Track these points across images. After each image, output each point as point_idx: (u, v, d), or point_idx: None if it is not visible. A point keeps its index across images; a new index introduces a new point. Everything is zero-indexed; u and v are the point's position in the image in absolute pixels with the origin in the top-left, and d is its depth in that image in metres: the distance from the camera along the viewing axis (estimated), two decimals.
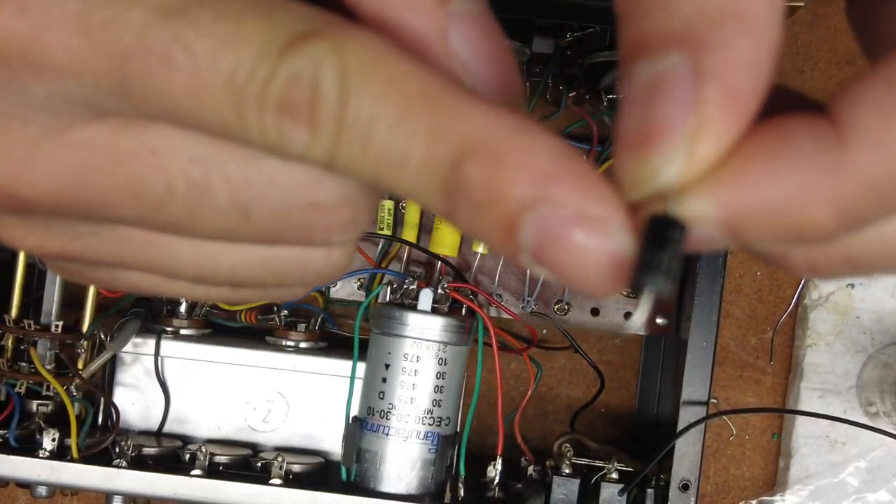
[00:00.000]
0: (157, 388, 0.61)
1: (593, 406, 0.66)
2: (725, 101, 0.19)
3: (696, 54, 0.19)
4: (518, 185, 0.20)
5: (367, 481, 0.56)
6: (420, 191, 0.21)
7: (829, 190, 0.19)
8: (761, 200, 0.19)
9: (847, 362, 0.66)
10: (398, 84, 0.21)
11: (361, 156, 0.21)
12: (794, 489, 0.66)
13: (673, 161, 0.19)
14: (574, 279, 0.20)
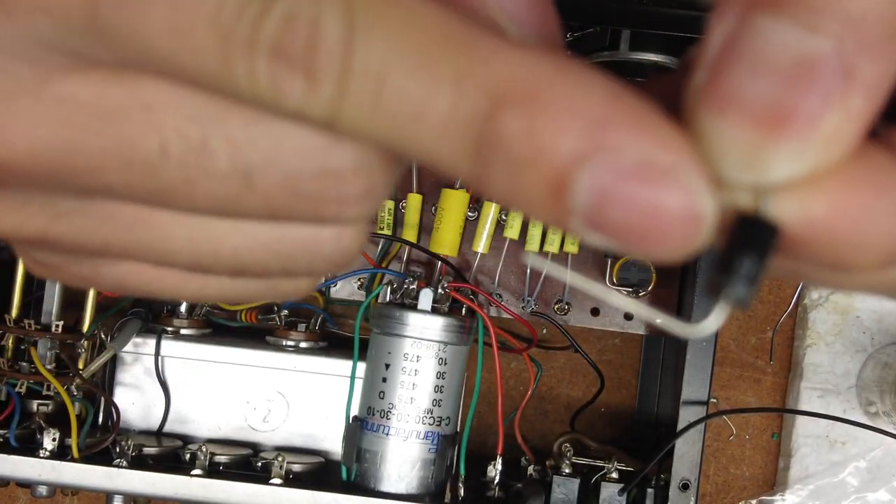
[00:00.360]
0: (158, 387, 0.61)
1: (593, 406, 0.66)
2: (866, 115, 0.17)
3: (855, 52, 0.17)
4: (567, 134, 0.17)
5: (367, 481, 0.56)
6: (445, 150, 0.18)
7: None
8: (849, 226, 0.18)
9: (847, 362, 0.66)
10: (416, 24, 0.18)
11: (372, 110, 0.18)
12: (793, 489, 0.66)
13: (803, 155, 0.17)
14: (641, 243, 0.17)
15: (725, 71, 0.17)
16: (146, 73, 0.20)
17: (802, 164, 0.17)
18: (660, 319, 0.19)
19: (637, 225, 0.17)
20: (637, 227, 0.17)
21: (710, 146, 0.17)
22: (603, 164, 0.17)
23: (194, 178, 0.20)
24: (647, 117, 0.17)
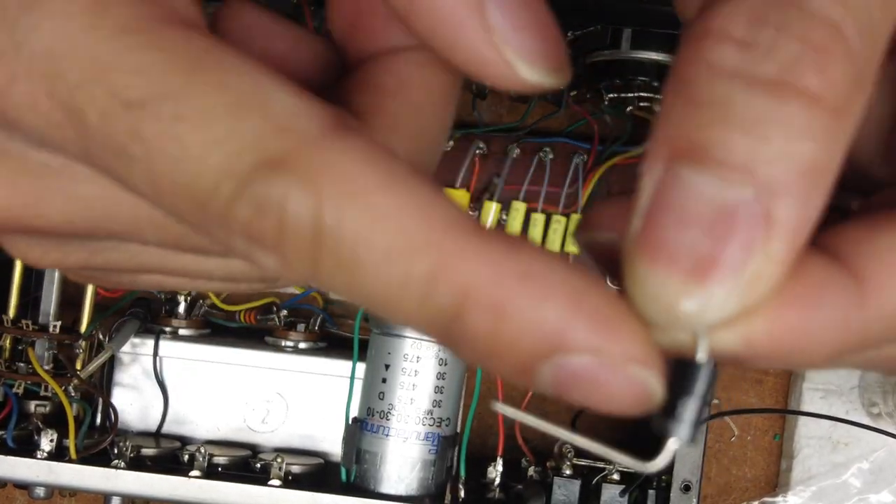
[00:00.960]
0: (156, 388, 0.61)
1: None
2: (787, 256, 0.18)
3: (770, 197, 0.18)
4: (528, 339, 0.18)
5: (366, 482, 0.56)
6: (419, 328, 0.20)
7: (845, 335, 0.20)
8: (790, 341, 0.19)
9: None
10: (386, 216, 0.19)
11: (348, 287, 0.19)
12: (796, 490, 0.66)
13: (726, 300, 0.18)
14: (600, 409, 0.19)
15: (654, 221, 0.18)
16: None
17: (730, 306, 0.18)
18: (617, 457, 0.21)
19: (598, 400, 0.19)
20: (598, 401, 0.19)
21: (644, 294, 0.19)
22: (560, 361, 0.18)
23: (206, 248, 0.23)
24: (602, 315, 0.19)
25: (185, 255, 0.24)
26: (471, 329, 0.19)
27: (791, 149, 0.18)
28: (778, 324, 0.19)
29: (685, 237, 0.18)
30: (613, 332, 0.19)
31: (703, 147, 0.18)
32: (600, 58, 0.56)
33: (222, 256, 0.24)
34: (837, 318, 0.19)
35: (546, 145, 0.61)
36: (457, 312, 0.19)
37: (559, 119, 0.63)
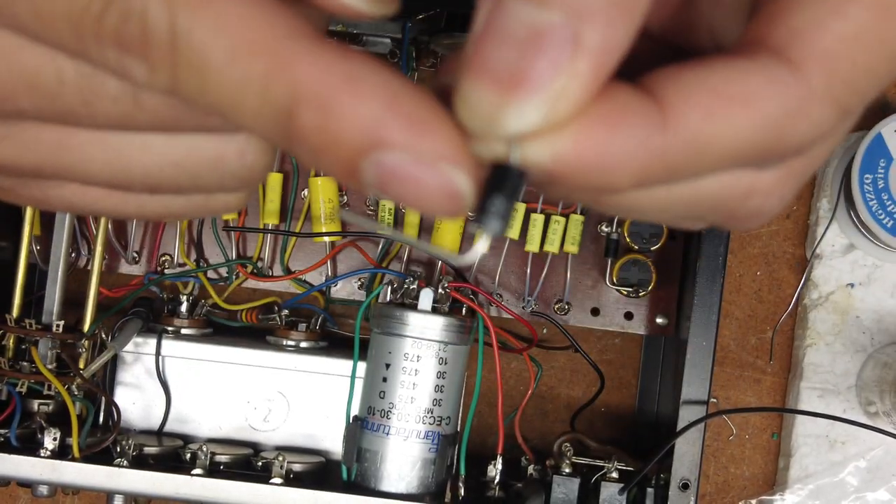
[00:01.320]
0: (158, 387, 0.61)
1: (593, 405, 0.66)
2: (592, 76, 0.21)
3: (579, 22, 0.20)
4: (349, 133, 0.21)
5: (367, 481, 0.56)
6: (262, 132, 0.22)
7: (647, 156, 0.22)
8: (594, 158, 0.22)
9: (846, 362, 0.66)
10: (229, 23, 0.21)
11: (201, 92, 0.22)
12: (793, 488, 0.66)
13: (534, 111, 0.21)
14: (419, 209, 0.22)
15: (481, 44, 0.21)
16: None
17: (536, 117, 0.21)
18: (435, 251, 0.26)
19: (412, 197, 0.22)
20: (412, 198, 0.22)
21: (466, 107, 0.21)
22: (381, 155, 0.21)
23: (90, 100, 0.24)
24: (416, 117, 0.21)
25: (70, 142, 0.26)
26: (302, 126, 0.21)
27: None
28: (582, 141, 0.21)
29: (501, 55, 0.20)
30: (425, 131, 0.21)
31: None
32: None
33: (100, 128, 0.26)
34: (639, 138, 0.22)
35: None
36: (290, 110, 0.21)
37: None
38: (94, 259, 0.58)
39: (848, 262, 0.66)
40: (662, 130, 0.22)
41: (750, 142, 0.23)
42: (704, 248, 0.54)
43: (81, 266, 0.64)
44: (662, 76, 0.23)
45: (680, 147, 0.22)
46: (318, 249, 0.64)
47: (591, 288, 0.65)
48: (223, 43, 0.21)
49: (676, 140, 0.22)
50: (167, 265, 0.64)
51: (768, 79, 0.23)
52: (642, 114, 0.22)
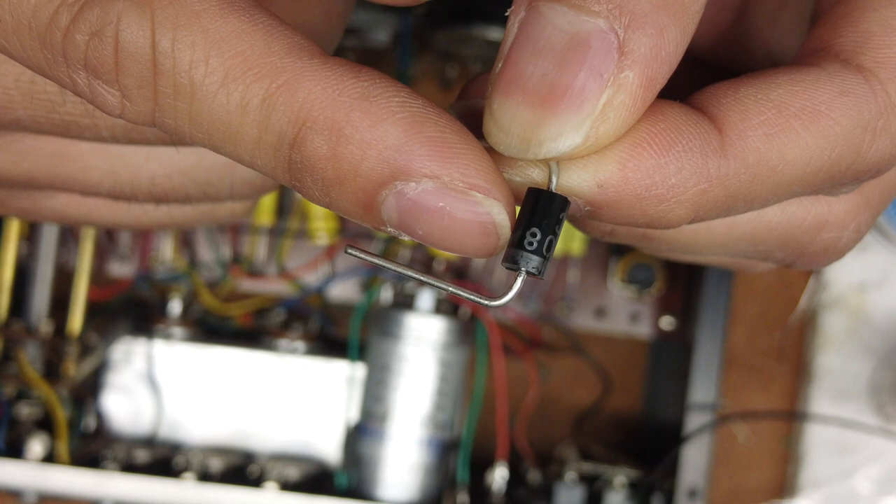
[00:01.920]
0: (149, 391, 0.60)
1: (598, 410, 0.65)
2: (640, 89, 0.18)
3: (627, 27, 0.18)
4: (367, 163, 0.18)
5: (365, 487, 0.55)
6: (261, 165, 0.19)
7: (705, 184, 0.19)
8: (645, 185, 0.19)
9: (858, 364, 0.65)
10: (221, 40, 0.18)
11: (189, 122, 0.19)
12: (804, 495, 0.65)
13: (575, 130, 0.18)
14: (447, 248, 0.19)
15: (513, 55, 0.18)
16: None
17: (577, 137, 0.18)
18: (464, 294, 0.21)
19: (442, 234, 0.19)
20: (442, 235, 0.19)
21: (498, 127, 0.18)
22: (402, 188, 0.18)
23: (93, 111, 0.22)
24: (443, 141, 0.18)
25: (69, 151, 0.24)
26: (311, 155, 0.18)
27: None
28: (631, 165, 0.19)
29: (537, 67, 0.18)
30: (453, 156, 0.18)
31: None
32: None
33: (103, 140, 0.23)
34: (695, 162, 0.19)
35: None
36: (296, 137, 0.19)
37: None
38: (83, 260, 0.58)
39: (860, 263, 0.65)
40: (721, 153, 0.19)
41: (821, 163, 0.20)
42: None
43: (70, 267, 0.63)
44: (716, 92, 0.20)
45: (742, 172, 0.19)
46: (315, 249, 0.64)
47: (596, 289, 0.64)
48: (215, 63, 0.18)
49: (737, 164, 0.19)
50: (158, 266, 0.63)
51: (838, 89, 0.20)
52: (697, 135, 0.19)
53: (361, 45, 0.62)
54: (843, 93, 0.20)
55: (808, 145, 0.20)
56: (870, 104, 0.20)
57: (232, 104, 0.19)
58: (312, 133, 0.18)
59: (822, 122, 0.20)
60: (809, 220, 0.23)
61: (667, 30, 0.18)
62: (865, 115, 0.20)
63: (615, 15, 0.18)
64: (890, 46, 0.20)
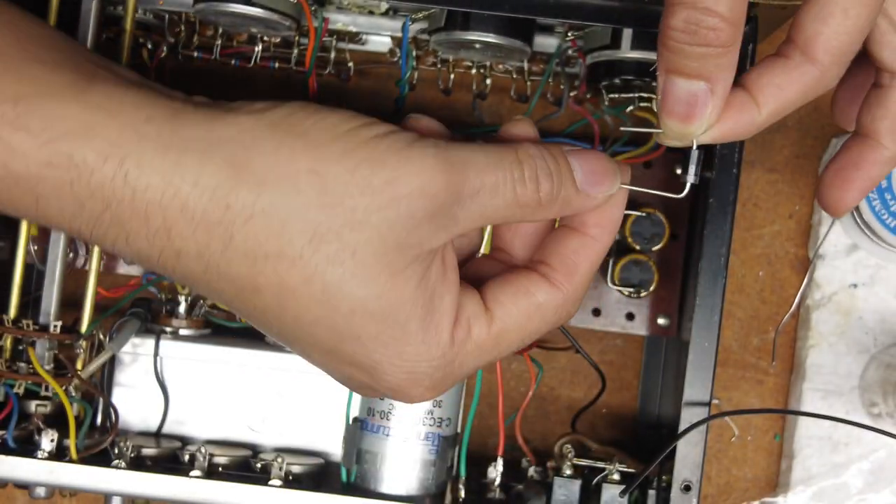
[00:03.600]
0: (157, 388, 0.61)
1: (594, 407, 0.65)
2: (720, 105, 0.40)
3: (711, 85, 0.39)
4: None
5: (367, 482, 0.56)
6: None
7: (752, 128, 0.42)
8: (729, 134, 0.41)
9: (850, 363, 0.66)
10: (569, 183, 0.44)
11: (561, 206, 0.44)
12: (796, 490, 0.66)
13: (699, 126, 0.41)
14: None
15: (665, 101, 0.40)
16: None
17: (700, 128, 0.41)
18: (650, 189, 0.49)
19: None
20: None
21: (668, 127, 0.41)
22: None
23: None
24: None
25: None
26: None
27: (710, 62, 0.38)
28: (723, 128, 0.41)
29: (677, 107, 0.40)
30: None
31: (678, 67, 0.39)
32: (600, 58, 0.56)
33: None
34: (747, 120, 0.41)
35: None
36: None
37: (560, 119, 0.63)
38: (92, 259, 0.58)
39: (851, 263, 0.66)
40: (757, 113, 0.41)
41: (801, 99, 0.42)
42: (706, 248, 0.54)
43: (79, 266, 0.63)
44: (755, 77, 0.41)
45: (767, 118, 0.41)
46: None
47: (593, 288, 0.64)
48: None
49: (765, 115, 0.41)
50: None
51: (794, 70, 0.41)
52: (746, 107, 0.41)
53: (361, 51, 0.63)
54: (789, 70, 0.42)
55: (795, 98, 0.43)
56: (807, 75, 0.41)
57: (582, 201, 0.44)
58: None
59: (789, 89, 0.42)
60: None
61: (726, 79, 0.40)
62: (808, 86, 0.42)
63: (707, 79, 0.39)
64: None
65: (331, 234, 0.37)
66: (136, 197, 0.37)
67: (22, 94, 0.36)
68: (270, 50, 0.60)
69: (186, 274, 0.39)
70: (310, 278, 0.37)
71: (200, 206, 0.37)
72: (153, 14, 0.60)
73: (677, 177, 0.47)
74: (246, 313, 0.41)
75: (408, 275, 0.39)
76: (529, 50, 0.56)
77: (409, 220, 0.38)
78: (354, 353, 0.40)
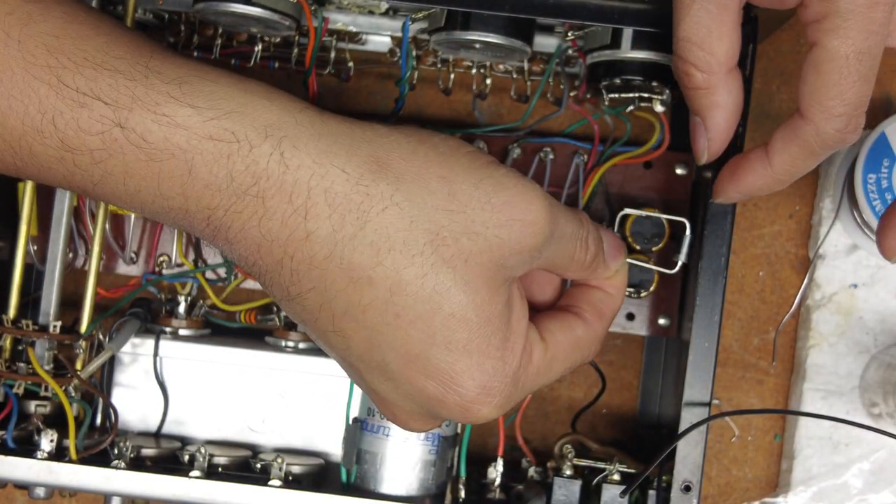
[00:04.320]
0: (156, 388, 0.61)
1: (595, 407, 0.65)
2: (718, 141, 0.47)
3: (704, 122, 0.47)
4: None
5: (367, 482, 0.56)
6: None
7: (767, 182, 0.48)
8: (747, 188, 0.49)
9: (850, 363, 0.66)
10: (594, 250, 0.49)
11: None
12: (796, 490, 0.66)
13: (701, 160, 0.48)
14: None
15: (694, 139, 0.49)
16: None
17: (702, 153, 0.49)
18: (648, 266, 0.57)
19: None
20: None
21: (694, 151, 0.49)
22: None
23: None
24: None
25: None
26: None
27: (695, 101, 0.47)
28: (740, 185, 0.48)
29: (691, 132, 0.48)
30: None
31: (688, 103, 0.48)
32: (600, 58, 0.56)
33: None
34: (760, 173, 0.47)
35: (547, 145, 0.61)
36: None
37: (560, 119, 0.63)
38: (92, 259, 0.58)
39: (851, 263, 0.66)
40: (769, 168, 0.46)
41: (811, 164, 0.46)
42: (706, 248, 0.54)
43: (79, 266, 0.63)
44: (774, 134, 0.46)
45: (781, 174, 0.47)
46: None
47: None
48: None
49: (776, 170, 0.46)
50: (165, 265, 0.64)
51: (792, 125, 0.45)
52: (761, 163, 0.47)
53: (361, 51, 0.63)
54: (797, 137, 0.47)
55: (808, 163, 0.48)
56: (808, 138, 0.46)
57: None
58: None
59: (814, 156, 0.47)
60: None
61: (714, 118, 0.47)
62: (811, 144, 0.46)
63: (698, 115, 0.47)
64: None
65: (450, 238, 0.40)
66: (287, 175, 0.39)
67: (185, 77, 0.40)
68: (270, 50, 0.60)
69: (305, 259, 0.40)
70: (424, 276, 0.40)
71: (344, 191, 0.40)
72: (153, 14, 0.59)
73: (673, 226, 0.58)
74: (343, 310, 0.42)
75: (501, 292, 0.42)
76: (529, 50, 0.56)
77: (516, 245, 0.42)
78: (439, 359, 0.42)
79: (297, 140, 0.40)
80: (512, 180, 0.42)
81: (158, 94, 0.39)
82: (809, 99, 0.43)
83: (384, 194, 0.40)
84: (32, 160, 0.40)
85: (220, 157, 0.39)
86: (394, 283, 0.40)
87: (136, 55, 0.40)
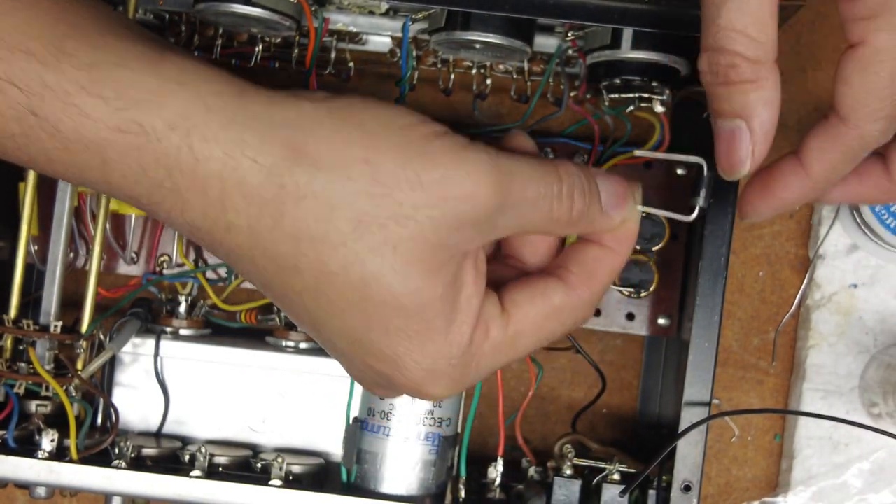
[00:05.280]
0: (157, 388, 0.61)
1: (595, 407, 0.65)
2: (763, 144, 0.42)
3: (748, 123, 0.41)
4: None
5: (367, 482, 0.56)
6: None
7: (803, 192, 0.46)
8: (781, 199, 0.46)
9: (850, 363, 0.66)
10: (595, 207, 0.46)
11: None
12: (796, 490, 0.66)
13: (744, 163, 0.42)
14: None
15: (714, 141, 0.44)
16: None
17: (745, 164, 0.43)
18: (664, 214, 0.49)
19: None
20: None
21: (720, 167, 0.44)
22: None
23: None
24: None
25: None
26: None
27: (737, 100, 0.42)
28: (774, 201, 0.46)
29: (723, 142, 0.43)
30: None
31: (716, 109, 0.43)
32: (600, 58, 0.56)
33: None
34: (798, 185, 0.45)
35: (547, 145, 0.61)
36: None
37: (560, 119, 0.63)
38: (93, 259, 0.58)
39: (851, 263, 0.66)
40: (806, 179, 0.44)
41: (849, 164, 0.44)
42: (706, 248, 0.54)
43: (79, 266, 0.63)
44: (805, 145, 0.44)
45: (817, 184, 0.45)
46: None
47: None
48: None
49: (813, 181, 0.44)
50: (166, 265, 0.64)
51: (832, 130, 0.43)
52: (796, 172, 0.45)
53: (361, 51, 0.63)
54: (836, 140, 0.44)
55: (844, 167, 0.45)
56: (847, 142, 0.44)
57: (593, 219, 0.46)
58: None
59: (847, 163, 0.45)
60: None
61: (765, 121, 0.42)
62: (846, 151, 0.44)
63: (744, 116, 0.41)
64: None
65: (375, 224, 0.38)
66: (198, 167, 0.38)
67: (97, 62, 0.38)
68: (271, 50, 0.61)
69: (233, 248, 0.40)
70: (350, 265, 0.38)
71: (256, 182, 0.38)
72: (153, 14, 0.59)
73: (685, 197, 0.48)
74: (281, 294, 0.41)
75: (442, 274, 0.40)
76: (530, 50, 0.56)
77: (454, 222, 0.39)
78: (380, 344, 0.41)
79: (206, 129, 0.38)
80: (447, 154, 0.39)
81: (68, 83, 0.37)
82: (854, 101, 0.40)
83: (300, 183, 0.38)
84: None
85: (129, 150, 0.38)
86: (320, 273, 0.39)
87: (51, 34, 0.38)
